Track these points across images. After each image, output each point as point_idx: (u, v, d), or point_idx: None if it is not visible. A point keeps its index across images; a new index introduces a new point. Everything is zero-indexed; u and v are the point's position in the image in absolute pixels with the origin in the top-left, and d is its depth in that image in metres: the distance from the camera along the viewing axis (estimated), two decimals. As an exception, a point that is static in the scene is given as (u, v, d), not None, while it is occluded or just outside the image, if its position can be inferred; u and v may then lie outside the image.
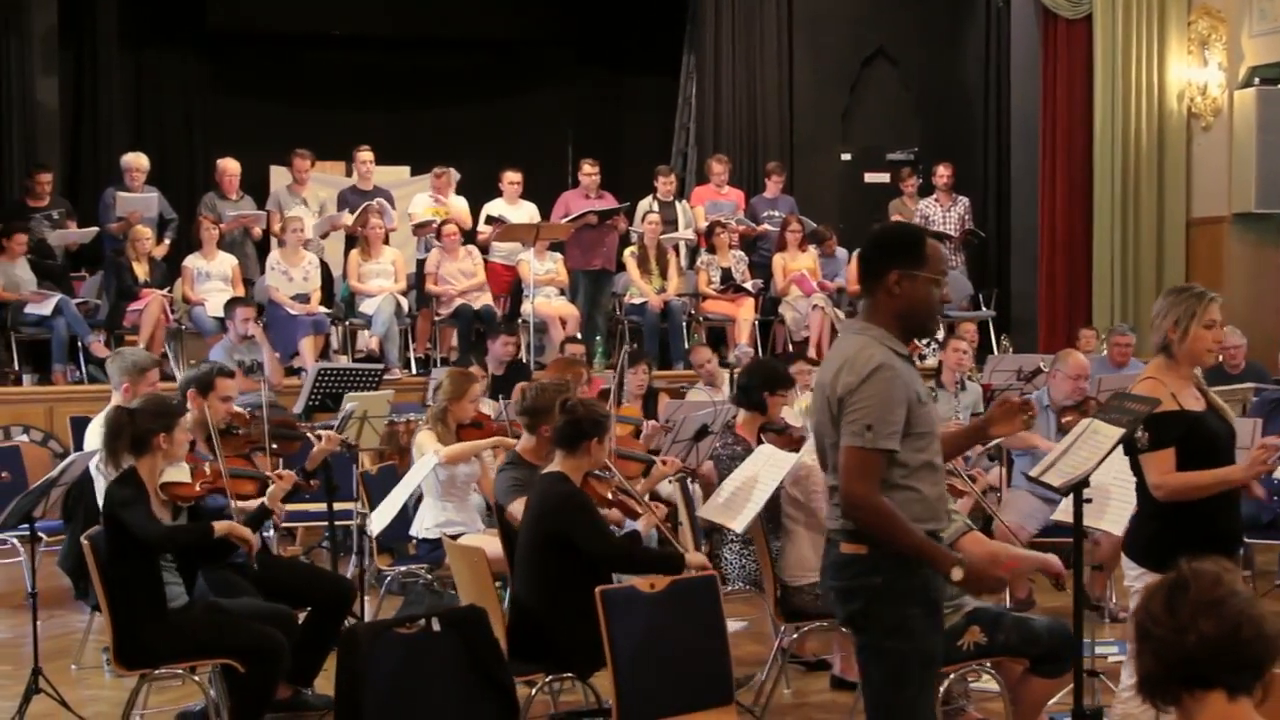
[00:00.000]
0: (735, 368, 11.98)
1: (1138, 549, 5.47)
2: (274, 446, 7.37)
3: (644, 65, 18.27)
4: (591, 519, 6.06)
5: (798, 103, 16.71)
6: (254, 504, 6.75)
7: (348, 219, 13.59)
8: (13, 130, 14.11)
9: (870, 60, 16.98)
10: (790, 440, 7.73)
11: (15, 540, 8.69)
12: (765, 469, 6.85)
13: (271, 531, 9.72)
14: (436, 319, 13.39)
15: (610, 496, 6.51)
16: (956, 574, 4.31)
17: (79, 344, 12.42)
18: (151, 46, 17.05)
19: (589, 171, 14.28)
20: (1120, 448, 5.52)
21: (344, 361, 12.90)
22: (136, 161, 13.45)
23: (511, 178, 14.09)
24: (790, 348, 14.04)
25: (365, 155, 14.03)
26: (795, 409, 7.44)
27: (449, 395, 8.13)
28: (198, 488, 6.35)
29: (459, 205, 14.20)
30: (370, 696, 4.68)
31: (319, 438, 7.37)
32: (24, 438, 11.34)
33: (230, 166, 13.72)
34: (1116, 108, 14.63)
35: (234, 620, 6.23)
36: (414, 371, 13.15)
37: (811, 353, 12.56)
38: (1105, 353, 12.72)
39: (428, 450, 7.92)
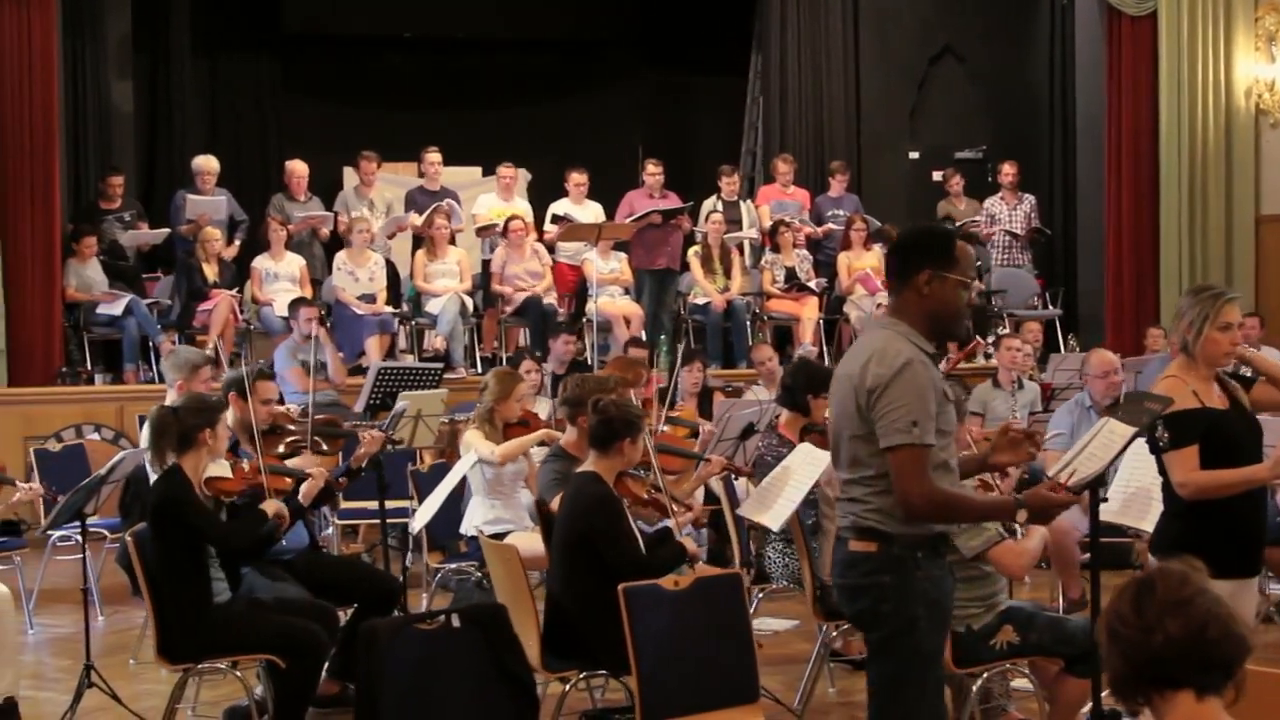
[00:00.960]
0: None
1: (1163, 549, 5.44)
2: (321, 446, 7.49)
3: (713, 64, 18.29)
4: (617, 528, 6.10)
5: (865, 101, 16.68)
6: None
7: (415, 220, 13.74)
8: (88, 135, 14.37)
9: (938, 58, 16.90)
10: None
11: (79, 537, 8.87)
12: (801, 467, 6.88)
13: (330, 529, 9.97)
14: (502, 318, 13.51)
15: (644, 495, 6.56)
16: (1021, 516, 4.46)
17: (150, 344, 12.65)
18: (225, 50, 17.32)
19: (653, 171, 14.33)
20: (1146, 447, 5.56)
21: (410, 361, 13.04)
22: (207, 164, 13.69)
23: (577, 178, 14.18)
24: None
25: (433, 156, 14.18)
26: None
27: (495, 395, 8.21)
28: (239, 483, 6.48)
29: (524, 206, 14.31)
30: (389, 692, 4.77)
31: (364, 437, 7.47)
32: (95, 436, 11.58)
33: (298, 168, 13.92)
34: (1182, 105, 14.51)
35: (274, 616, 6.34)
36: (479, 371, 13.25)
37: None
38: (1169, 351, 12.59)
39: (475, 449, 8.01)
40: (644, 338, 13.10)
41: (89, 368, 12.67)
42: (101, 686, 6.93)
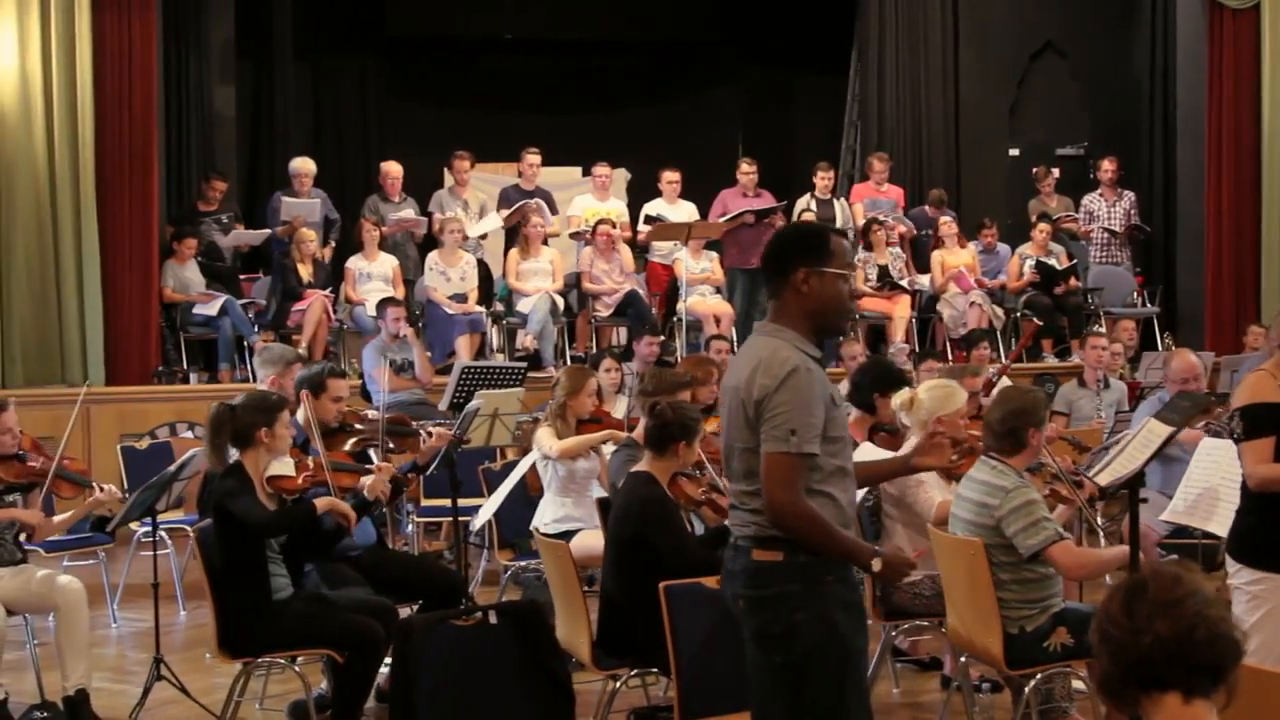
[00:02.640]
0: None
1: (1235, 544, 5.50)
2: (390, 445, 7.57)
3: (813, 63, 18.30)
4: (670, 528, 6.14)
5: (964, 98, 16.54)
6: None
7: (499, 217, 13.86)
8: (190, 139, 14.64)
9: (1039, 54, 16.73)
10: (902, 442, 7.69)
11: (164, 534, 9.03)
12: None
13: (410, 527, 10.06)
14: (594, 317, 13.57)
15: (699, 496, 6.56)
16: (876, 565, 4.34)
17: (244, 343, 12.85)
18: (328, 53, 17.56)
19: (746, 170, 14.33)
20: (1220, 450, 5.50)
21: (500, 360, 13.13)
22: (304, 167, 13.89)
23: (669, 177, 14.23)
24: (949, 345, 14.00)
25: (533, 157, 14.29)
26: (894, 402, 7.39)
27: (566, 391, 8.26)
28: (300, 480, 6.56)
29: (618, 206, 14.37)
30: (425, 687, 4.82)
31: (430, 435, 7.55)
32: (188, 434, 11.76)
33: (393, 169, 14.08)
34: (1286, 100, 14.27)
35: (333, 611, 6.42)
36: (571, 371, 13.31)
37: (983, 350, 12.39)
38: (1267, 350, 12.37)
39: (544, 445, 8.07)
40: (733, 336, 13.11)
41: (185, 367, 12.90)
42: (170, 680, 7.07)
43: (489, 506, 7.69)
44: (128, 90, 12.78)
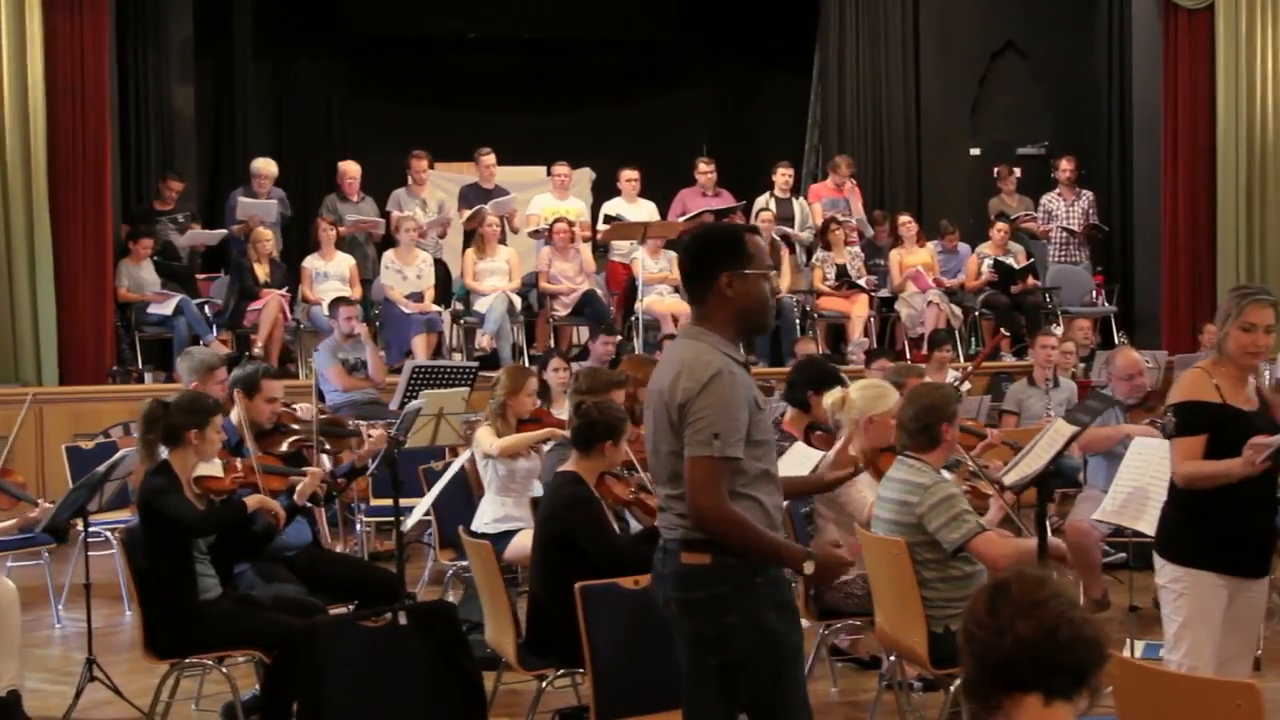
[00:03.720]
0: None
1: (1160, 541, 5.53)
2: (325, 445, 7.55)
3: (777, 62, 18.33)
4: (595, 524, 6.14)
5: (925, 98, 16.59)
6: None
7: (459, 217, 13.86)
8: (149, 138, 14.62)
9: (1000, 54, 16.76)
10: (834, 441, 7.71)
11: (110, 534, 9.01)
12: (791, 468, 6.84)
13: (359, 527, 10.05)
14: (552, 317, 13.56)
15: (628, 496, 6.56)
16: (809, 567, 4.34)
17: (200, 343, 12.79)
18: (291, 52, 17.56)
19: (705, 170, 14.37)
20: (1152, 449, 5.51)
21: (458, 360, 13.12)
22: (265, 168, 13.89)
23: (629, 175, 14.25)
24: (907, 343, 14.03)
25: (488, 159, 14.30)
26: (825, 401, 7.40)
27: (506, 390, 8.24)
28: (228, 481, 6.56)
29: (578, 205, 14.37)
30: (333, 689, 4.81)
31: (368, 436, 7.55)
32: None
33: (350, 169, 14.08)
34: (1240, 99, 14.33)
35: (259, 611, 6.40)
36: (529, 370, 13.30)
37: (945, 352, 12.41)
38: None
39: (483, 444, 8.06)
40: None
41: (140, 367, 12.88)
42: (103, 680, 7.05)
43: (421, 506, 7.68)
44: (80, 90, 12.75)
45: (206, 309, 13.31)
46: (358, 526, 10.09)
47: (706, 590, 4.32)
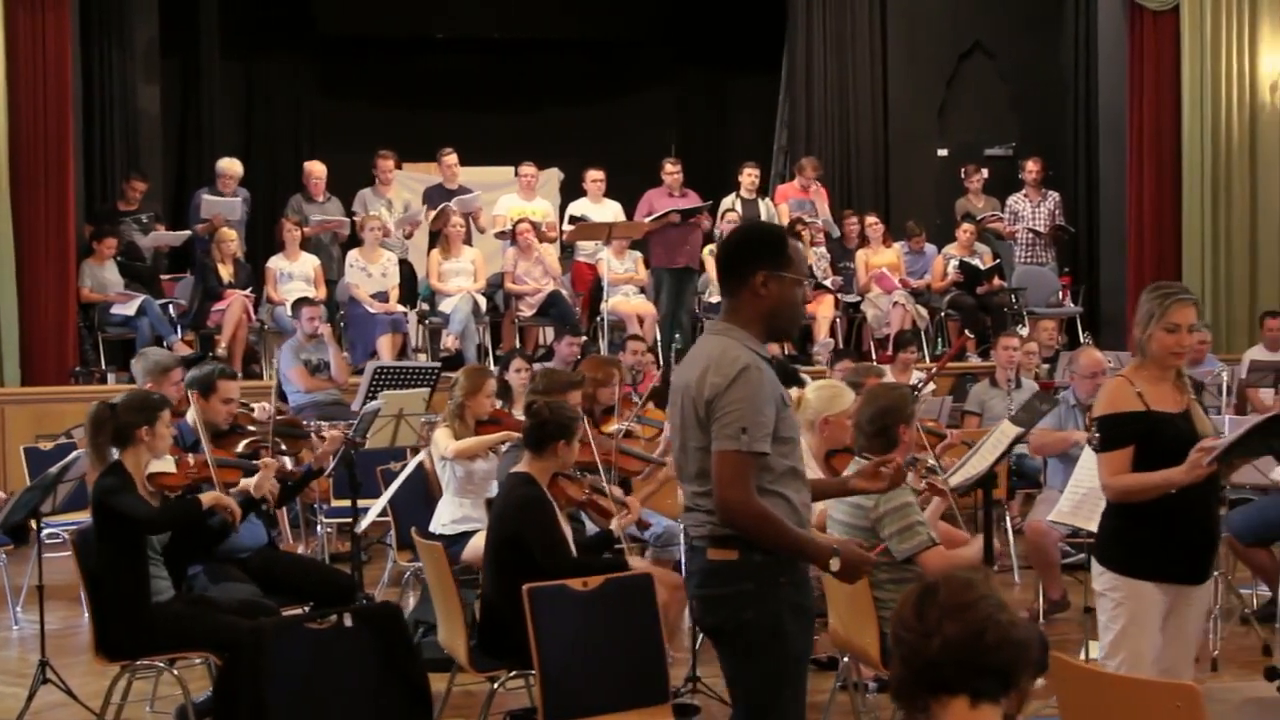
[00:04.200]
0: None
1: (1099, 548, 5.42)
2: (281, 446, 7.52)
3: (746, 62, 18.33)
4: (543, 528, 6.12)
5: (893, 98, 16.59)
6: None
7: (425, 217, 13.83)
8: (114, 137, 14.55)
9: (968, 54, 16.78)
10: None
11: (66, 535, 8.95)
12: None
13: (320, 529, 10.02)
14: (518, 318, 13.55)
15: (581, 498, 6.54)
16: (834, 564, 4.32)
17: (164, 343, 12.76)
18: (258, 52, 17.54)
19: (671, 170, 14.33)
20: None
21: (423, 360, 13.10)
22: (230, 168, 13.85)
23: (594, 176, 14.23)
24: (873, 344, 14.05)
25: (450, 159, 14.28)
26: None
27: (464, 391, 8.20)
28: (183, 477, 6.52)
29: (544, 206, 14.36)
30: (277, 691, 4.79)
31: (323, 437, 7.52)
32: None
33: (316, 169, 14.05)
34: (1206, 100, 14.37)
35: (211, 613, 6.37)
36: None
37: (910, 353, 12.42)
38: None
39: (440, 446, 8.04)
40: (655, 336, 13.15)
41: (103, 367, 12.83)
42: (56, 682, 7.01)
43: (375, 508, 7.66)
44: (43, 89, 12.69)
45: (171, 309, 13.27)
46: (319, 528, 10.05)
47: (731, 586, 4.33)
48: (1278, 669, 5.27)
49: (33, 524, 8.19)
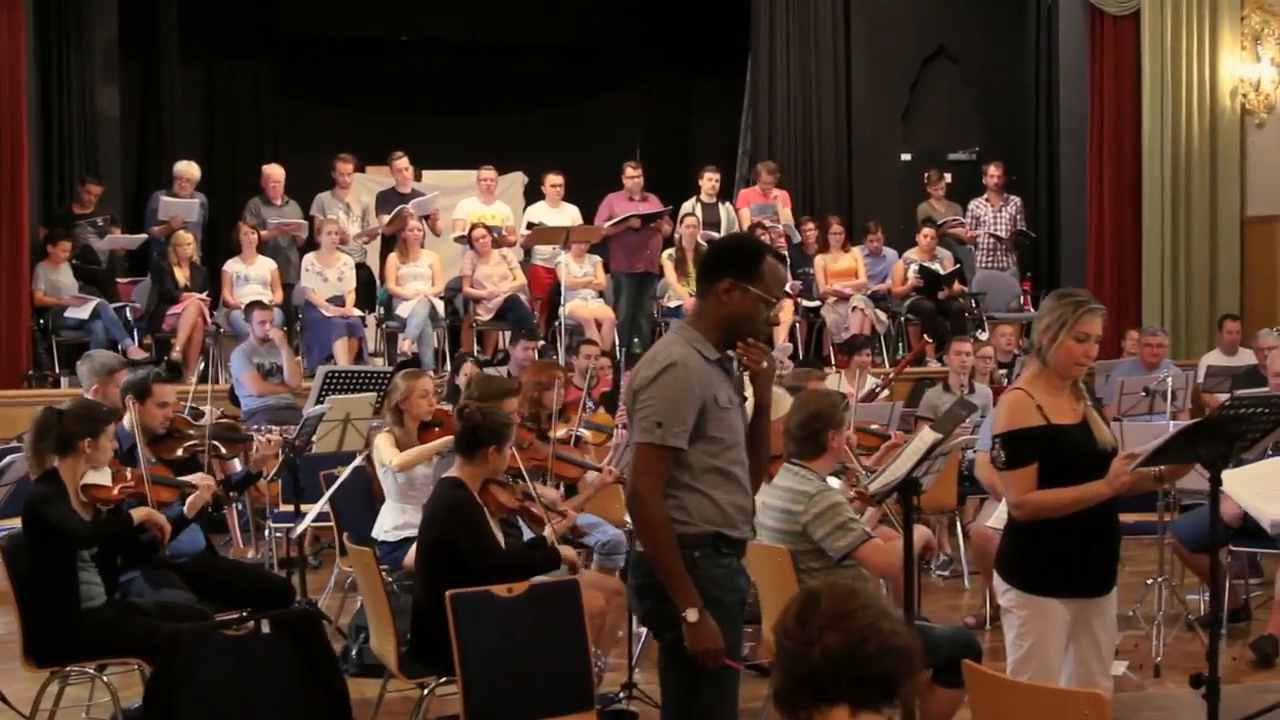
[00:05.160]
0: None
1: (1002, 566, 5.27)
2: (220, 450, 7.49)
3: (711, 66, 18.33)
4: (475, 530, 6.09)
5: (856, 103, 16.56)
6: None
7: (379, 223, 13.80)
8: (72, 140, 14.47)
9: (931, 59, 16.78)
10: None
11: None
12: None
13: (268, 533, 9.95)
14: (476, 322, 13.51)
15: (513, 504, 6.50)
16: (691, 615, 4.28)
17: (118, 347, 12.70)
18: (221, 54, 17.48)
19: (632, 174, 14.28)
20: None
21: (380, 364, 13.05)
22: (187, 171, 13.77)
23: (553, 180, 14.20)
24: (833, 349, 14.03)
25: (401, 163, 14.21)
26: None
27: (401, 393, 8.15)
28: (116, 491, 6.48)
29: (503, 209, 14.32)
30: (190, 698, 4.74)
31: (262, 442, 7.49)
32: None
33: (274, 172, 13.98)
34: (1166, 105, 14.40)
35: (140, 619, 6.32)
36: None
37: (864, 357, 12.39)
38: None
39: (383, 456, 7.98)
40: (614, 340, 13.13)
41: (56, 371, 12.77)
42: (-12, 689, 6.97)
43: (311, 513, 7.63)
44: (-7, 89, 12.64)
45: (128, 312, 13.22)
46: (266, 532, 9.99)
47: (650, 577, 4.38)
48: (1202, 676, 5.21)
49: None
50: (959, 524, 10.09)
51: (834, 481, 6.32)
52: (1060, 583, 5.09)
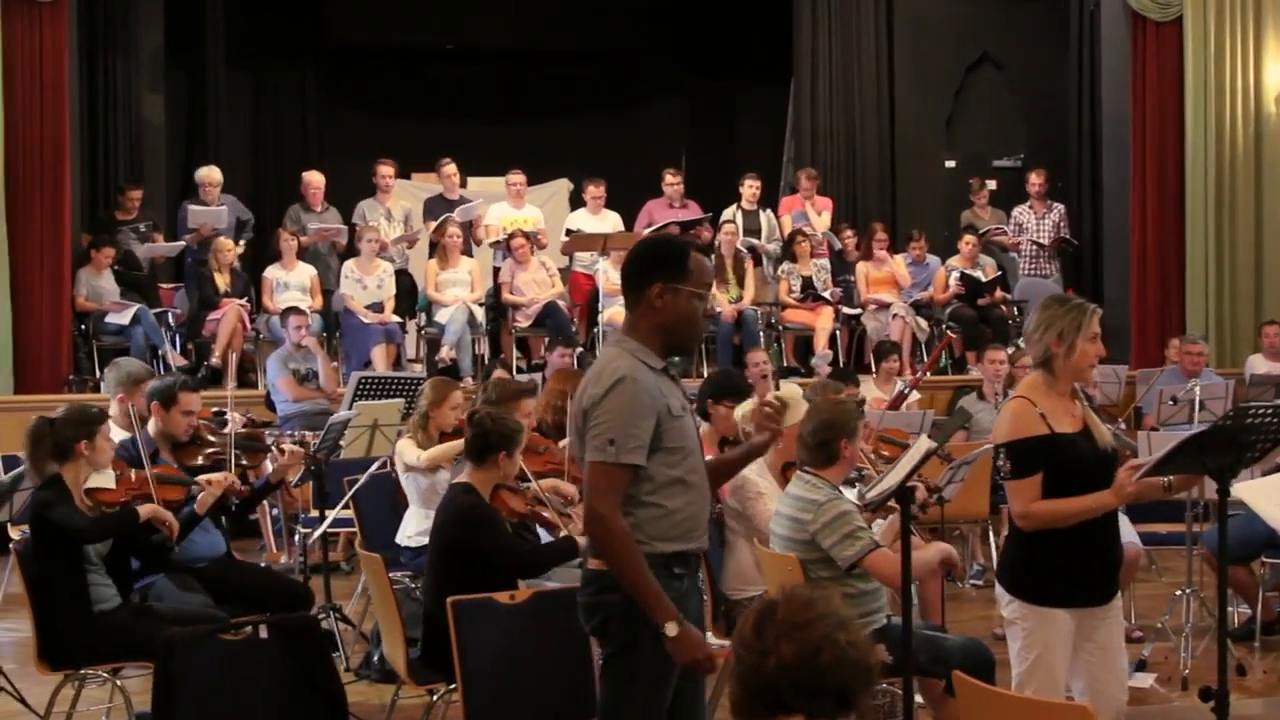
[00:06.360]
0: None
1: (1005, 578, 5.23)
2: (242, 459, 7.51)
3: (756, 74, 18.29)
4: (494, 530, 6.10)
5: (899, 110, 16.49)
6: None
7: (426, 229, 13.84)
8: (117, 146, 14.61)
9: (975, 66, 16.69)
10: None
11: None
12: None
13: (297, 538, 10.00)
14: (515, 328, 13.53)
15: (523, 510, 6.50)
16: (671, 629, 4.19)
17: (158, 353, 12.81)
18: (267, 62, 17.58)
19: (672, 181, 14.31)
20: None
21: (418, 371, 13.09)
22: (209, 176, 13.87)
23: (594, 190, 14.22)
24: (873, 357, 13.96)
25: (449, 169, 14.25)
26: (737, 413, 7.36)
27: (429, 401, 8.18)
28: (121, 493, 6.52)
29: (534, 214, 14.34)
30: (186, 702, 4.76)
31: (282, 452, 7.52)
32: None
33: (314, 179, 14.04)
34: (1209, 111, 14.21)
35: (155, 622, 6.33)
36: (488, 381, 13.27)
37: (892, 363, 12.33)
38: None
39: (407, 456, 8.01)
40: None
41: (96, 376, 12.87)
42: (9, 690, 7.02)
43: (329, 519, 7.66)
44: (38, 99, 12.76)
45: (170, 318, 13.33)
46: (296, 537, 10.04)
47: (598, 596, 4.34)
48: (1211, 690, 5.14)
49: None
50: (991, 533, 10.01)
51: (848, 491, 6.29)
52: (1064, 593, 5.06)
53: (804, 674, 2.90)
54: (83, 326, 13.07)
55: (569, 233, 14.04)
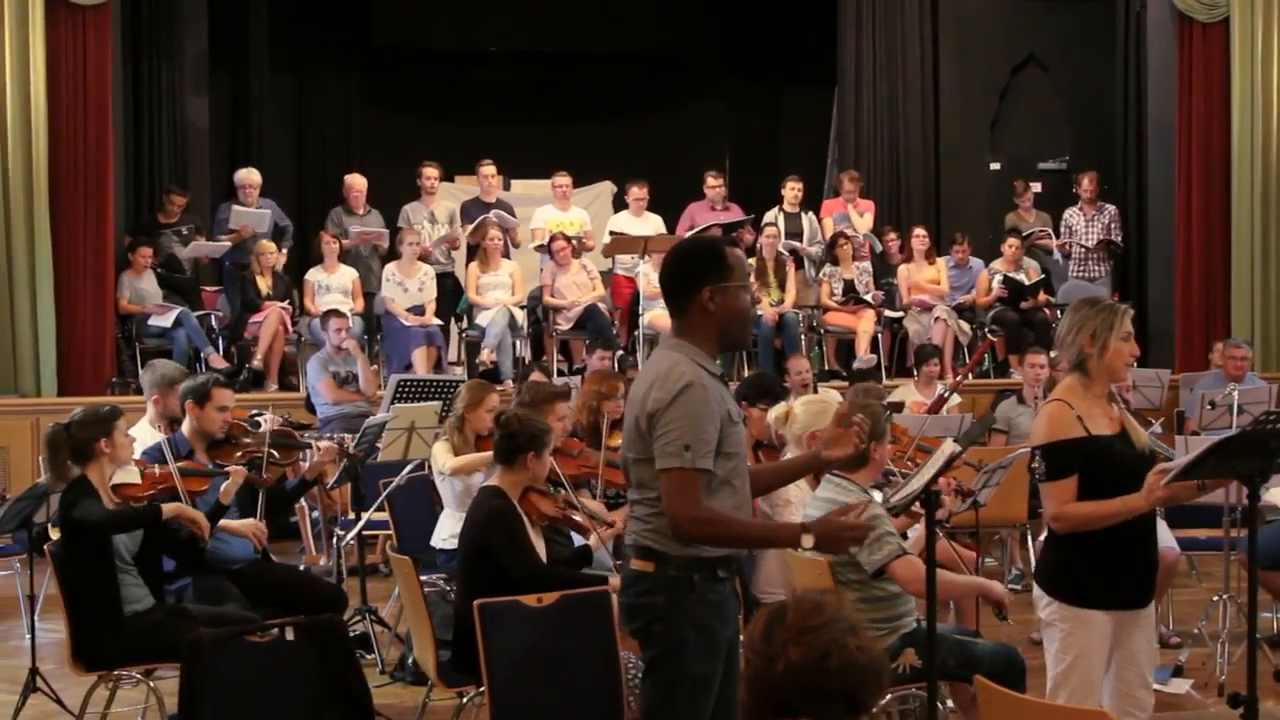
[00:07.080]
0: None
1: (1042, 578, 5.23)
2: (275, 456, 7.53)
3: (800, 75, 18.25)
4: (512, 540, 6.09)
5: (944, 111, 16.44)
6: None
7: (462, 232, 13.85)
8: (161, 150, 14.71)
9: (1021, 67, 16.61)
10: (779, 457, 7.61)
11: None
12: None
13: (336, 540, 10.02)
14: (556, 330, 13.55)
15: (554, 513, 6.49)
16: (807, 541, 4.29)
17: (200, 355, 12.87)
18: (311, 65, 17.66)
19: (713, 184, 14.30)
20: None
21: (459, 373, 13.10)
22: (248, 178, 13.91)
23: (636, 193, 14.20)
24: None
25: (487, 169, 14.29)
26: (769, 415, 7.35)
27: (465, 404, 8.18)
28: (147, 487, 6.55)
29: (580, 216, 14.35)
30: (213, 704, 4.78)
31: (318, 449, 7.54)
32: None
33: (356, 182, 14.07)
34: (1256, 113, 14.06)
35: (188, 624, 6.33)
36: (529, 384, 13.27)
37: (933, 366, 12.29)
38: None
39: (438, 462, 8.02)
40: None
41: (139, 378, 12.93)
42: (46, 691, 7.06)
43: (362, 520, 7.68)
44: (83, 101, 12.83)
45: (213, 320, 13.40)
46: (335, 539, 10.05)
47: (644, 597, 4.38)
48: (1239, 696, 5.09)
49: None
50: (1029, 537, 9.93)
51: (876, 494, 6.26)
52: (1103, 594, 5.05)
53: (812, 678, 2.90)
54: (126, 329, 13.15)
55: (612, 235, 14.04)
